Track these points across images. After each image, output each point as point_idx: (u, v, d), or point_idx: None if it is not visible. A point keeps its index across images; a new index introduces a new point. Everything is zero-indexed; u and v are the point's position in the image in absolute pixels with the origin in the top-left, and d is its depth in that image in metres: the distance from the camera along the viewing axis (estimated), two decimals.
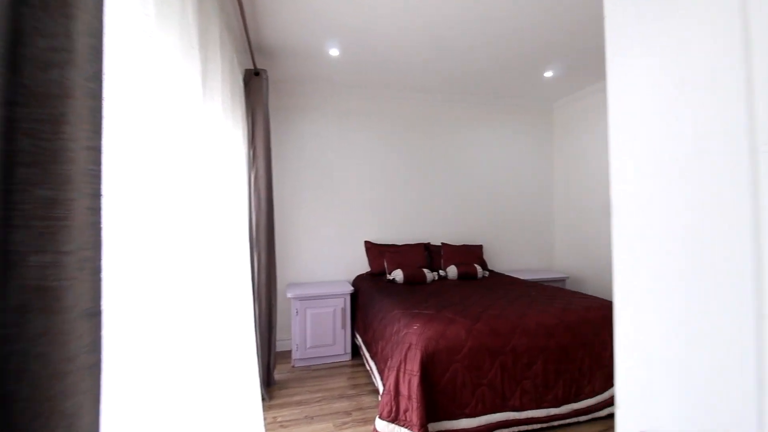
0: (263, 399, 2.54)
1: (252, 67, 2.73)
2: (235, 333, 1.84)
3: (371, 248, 3.65)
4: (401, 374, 1.93)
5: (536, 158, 4.42)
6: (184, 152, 1.15)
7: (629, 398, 0.65)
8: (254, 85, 2.71)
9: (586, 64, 3.26)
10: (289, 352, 3.42)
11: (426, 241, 3.96)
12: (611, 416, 2.30)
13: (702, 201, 0.52)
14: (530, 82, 3.70)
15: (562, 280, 3.94)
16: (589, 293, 3.90)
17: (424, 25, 2.59)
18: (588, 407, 2.18)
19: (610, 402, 2.22)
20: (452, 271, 3.47)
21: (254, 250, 2.59)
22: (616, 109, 0.65)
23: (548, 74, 3.46)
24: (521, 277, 3.78)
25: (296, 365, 3.13)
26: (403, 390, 1.89)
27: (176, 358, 0.96)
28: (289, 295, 3.06)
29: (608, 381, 2.22)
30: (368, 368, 2.69)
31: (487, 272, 3.65)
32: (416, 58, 3.09)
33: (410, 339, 2.02)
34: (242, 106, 2.50)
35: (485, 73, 3.43)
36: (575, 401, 2.16)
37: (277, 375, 2.97)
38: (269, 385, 2.81)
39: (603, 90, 3.70)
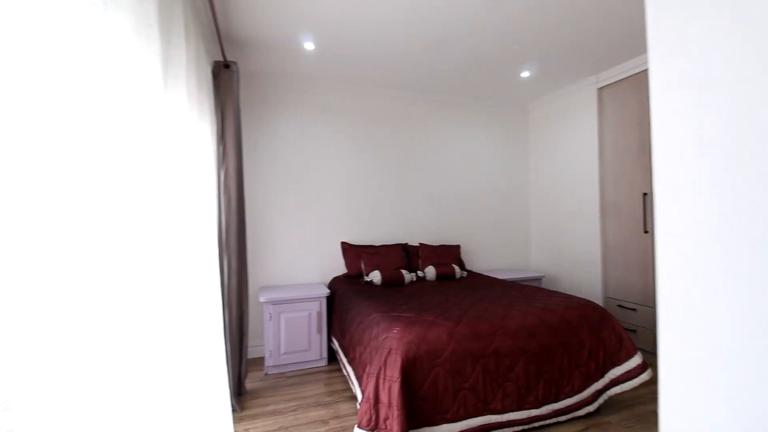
0: (234, 410, 2.40)
1: (221, 59, 2.58)
2: (201, 342, 1.71)
3: (348, 249, 3.56)
4: (381, 381, 1.85)
5: (512, 158, 4.46)
6: (142, 145, 1.03)
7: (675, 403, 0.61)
8: (224, 78, 2.56)
9: (561, 65, 3.29)
10: (262, 358, 3.28)
11: (404, 242, 3.90)
12: (590, 415, 2.31)
13: (751, 197, 0.49)
14: (507, 82, 3.71)
15: (538, 279, 3.98)
16: (566, 292, 3.96)
17: (401, 20, 2.53)
18: (567, 407, 2.17)
19: (589, 401, 2.22)
20: (430, 271, 3.43)
21: (224, 253, 2.45)
22: (659, 107, 0.65)
23: (525, 74, 3.47)
24: (499, 277, 3.79)
25: (269, 372, 2.99)
26: (383, 397, 1.81)
27: (134, 370, 0.84)
28: (261, 299, 2.92)
29: (586, 380, 2.22)
30: (345, 374, 2.60)
31: (465, 272, 3.63)
32: (394, 54, 3.02)
33: (390, 344, 1.94)
34: (210, 99, 2.35)
35: (463, 71, 3.40)
36: (555, 401, 2.15)
37: (249, 384, 2.82)
38: (240, 394, 2.66)
39: (578, 91, 3.77)
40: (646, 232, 3.10)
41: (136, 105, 1.01)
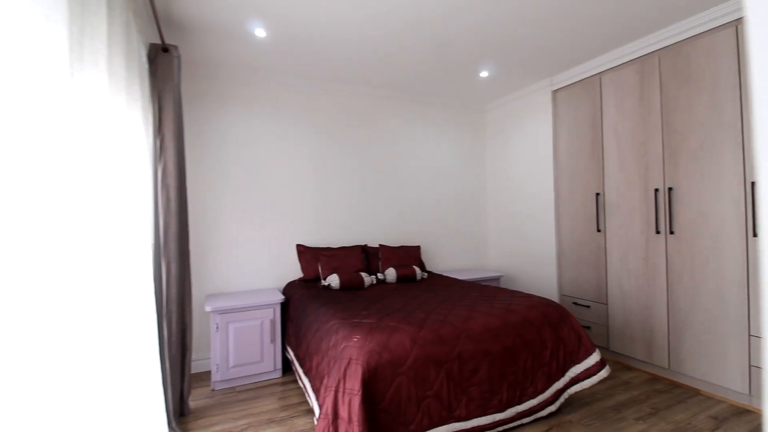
0: None
1: (159, 42, 2.32)
2: (127, 362, 1.48)
3: (304, 252, 3.37)
4: (340, 395, 1.71)
5: (471, 158, 4.47)
6: (37, 129, 0.82)
7: None
8: (162, 64, 2.30)
9: (518, 66, 3.32)
10: (209, 373, 3.00)
11: (363, 243, 3.77)
12: (551, 415, 2.31)
13: None
14: (465, 82, 3.70)
15: (497, 279, 4.00)
16: (523, 291, 4.02)
17: (358, 7, 2.40)
18: (530, 408, 2.14)
19: (551, 400, 2.21)
20: (391, 273, 3.32)
21: (162, 258, 2.19)
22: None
23: (484, 74, 3.47)
24: (459, 277, 3.76)
25: (216, 388, 2.73)
26: (343, 412, 1.67)
27: (44, 397, 0.64)
28: (207, 308, 2.66)
29: (549, 380, 2.21)
30: (301, 385, 2.41)
31: (426, 273, 3.57)
32: (351, 47, 2.89)
33: (350, 353, 1.80)
34: (145, 85, 2.09)
35: (422, 69, 3.34)
36: (519, 404, 2.11)
37: (194, 402, 2.56)
38: (183, 414, 2.40)
39: (533, 93, 3.83)
40: (599, 231, 3.19)
41: (28, 79, 0.80)
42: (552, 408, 2.23)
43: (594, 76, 3.24)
